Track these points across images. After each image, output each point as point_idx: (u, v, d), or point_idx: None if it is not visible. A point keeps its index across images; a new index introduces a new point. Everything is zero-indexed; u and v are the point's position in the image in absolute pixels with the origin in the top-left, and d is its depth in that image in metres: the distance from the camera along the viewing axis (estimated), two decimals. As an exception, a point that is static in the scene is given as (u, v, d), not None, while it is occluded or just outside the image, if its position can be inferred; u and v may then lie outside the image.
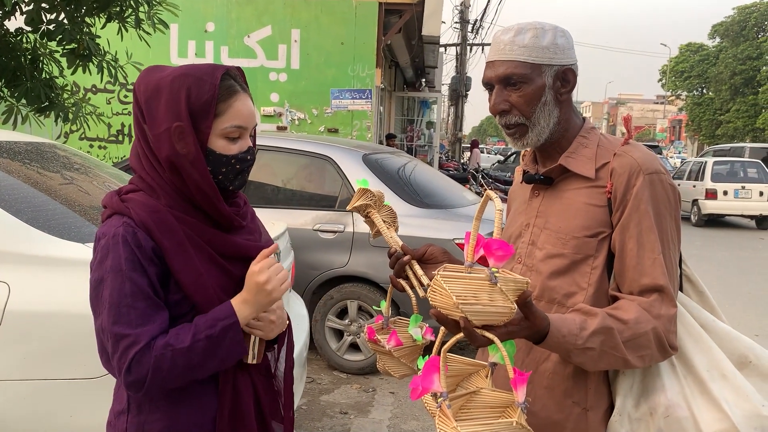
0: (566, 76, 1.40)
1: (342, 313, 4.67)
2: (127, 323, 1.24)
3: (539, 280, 1.41)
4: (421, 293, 1.41)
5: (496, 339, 1.10)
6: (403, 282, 1.49)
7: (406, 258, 1.45)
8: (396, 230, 1.54)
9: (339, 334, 4.70)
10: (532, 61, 1.36)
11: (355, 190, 1.52)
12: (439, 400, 1.10)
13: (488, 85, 1.43)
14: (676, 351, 1.32)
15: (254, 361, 1.39)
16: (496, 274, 1.06)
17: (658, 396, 1.32)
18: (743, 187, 14.14)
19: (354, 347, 4.69)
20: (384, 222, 1.51)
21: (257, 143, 1.52)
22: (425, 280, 1.42)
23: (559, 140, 1.44)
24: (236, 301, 1.33)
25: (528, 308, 1.14)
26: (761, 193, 14.02)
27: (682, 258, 1.45)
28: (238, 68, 1.42)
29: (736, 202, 14.09)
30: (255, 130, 1.45)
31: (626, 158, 1.36)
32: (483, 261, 1.10)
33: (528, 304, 1.14)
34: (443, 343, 1.17)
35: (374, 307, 1.91)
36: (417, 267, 1.44)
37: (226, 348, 1.29)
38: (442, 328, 1.17)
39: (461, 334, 1.12)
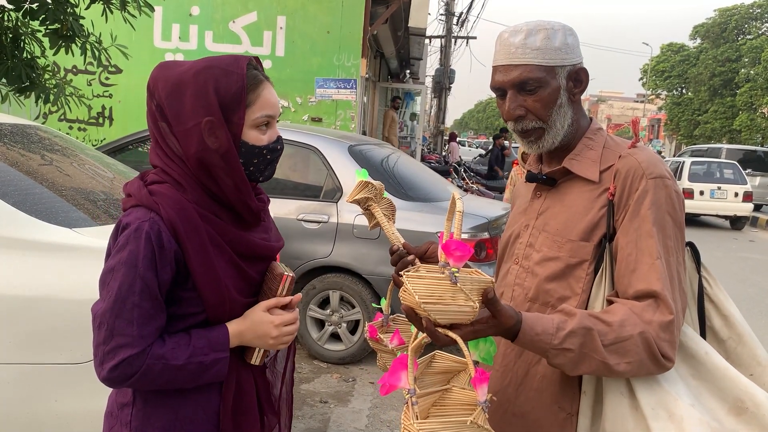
0: (579, 76, 1.36)
1: (324, 303, 4.68)
2: (128, 320, 1.23)
3: (535, 282, 1.38)
4: None
5: (458, 338, 1.11)
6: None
7: (410, 257, 1.39)
8: (393, 223, 1.51)
9: (320, 323, 4.71)
10: (546, 63, 1.32)
11: (356, 181, 1.47)
12: (406, 396, 1.12)
13: (499, 90, 1.37)
14: (672, 363, 1.22)
15: (257, 363, 1.41)
16: (457, 274, 1.08)
17: (603, 423, 1.27)
18: (719, 188, 14.37)
19: (335, 337, 4.71)
20: (385, 216, 1.48)
21: None
22: None
23: (566, 140, 1.40)
24: (233, 330, 1.33)
25: (494, 306, 1.13)
26: (736, 194, 14.27)
27: (706, 276, 1.39)
28: (257, 58, 1.41)
29: (712, 202, 14.31)
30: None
31: (631, 161, 1.32)
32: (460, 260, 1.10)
33: (492, 301, 1.12)
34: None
35: (374, 305, 1.89)
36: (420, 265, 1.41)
37: (209, 376, 1.31)
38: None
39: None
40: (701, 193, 14.34)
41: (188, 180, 1.31)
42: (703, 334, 1.36)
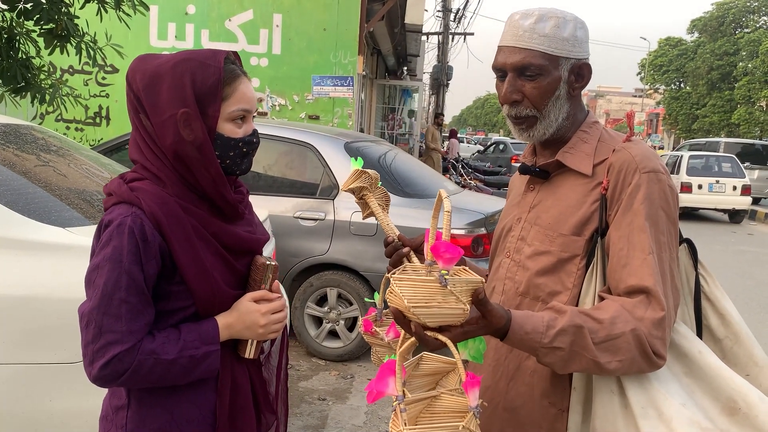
0: (581, 71, 1.35)
1: (321, 301, 4.68)
2: (116, 316, 1.22)
3: (526, 276, 1.37)
4: None
5: (448, 342, 1.08)
6: None
7: (405, 250, 1.36)
8: (387, 213, 1.48)
9: (318, 321, 4.71)
10: (551, 52, 1.30)
11: (350, 170, 1.45)
12: (394, 403, 1.08)
13: (500, 71, 1.36)
14: (664, 360, 1.20)
15: (251, 357, 1.40)
16: (447, 276, 1.05)
17: (593, 420, 1.25)
18: (717, 182, 14.36)
19: (333, 334, 4.71)
20: (379, 206, 1.46)
21: None
22: None
23: (561, 133, 1.38)
24: (222, 323, 1.33)
25: (483, 306, 1.11)
26: (734, 188, 14.26)
27: (704, 274, 1.37)
28: (235, 53, 1.41)
29: (710, 196, 14.31)
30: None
31: (624, 154, 1.30)
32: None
33: (482, 302, 1.10)
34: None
35: (366, 299, 1.88)
36: (415, 258, 1.37)
37: (201, 370, 1.30)
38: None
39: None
40: (699, 186, 14.33)
41: (168, 174, 1.31)
42: (699, 333, 1.34)
